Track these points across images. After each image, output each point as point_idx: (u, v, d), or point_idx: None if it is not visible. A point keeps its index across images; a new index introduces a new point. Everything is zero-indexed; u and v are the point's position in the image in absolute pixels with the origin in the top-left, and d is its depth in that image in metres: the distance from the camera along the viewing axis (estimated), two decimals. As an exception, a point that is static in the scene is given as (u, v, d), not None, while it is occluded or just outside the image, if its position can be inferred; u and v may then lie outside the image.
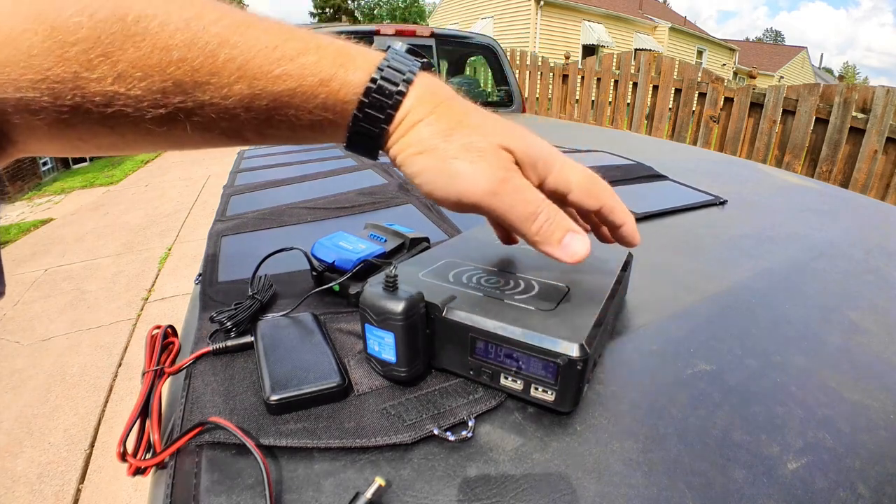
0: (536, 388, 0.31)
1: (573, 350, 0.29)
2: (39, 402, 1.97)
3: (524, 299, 0.35)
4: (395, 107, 0.27)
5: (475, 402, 0.33)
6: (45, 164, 6.98)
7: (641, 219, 0.72)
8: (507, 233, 0.38)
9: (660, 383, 0.36)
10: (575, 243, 0.29)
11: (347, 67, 0.26)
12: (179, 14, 0.23)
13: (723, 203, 0.81)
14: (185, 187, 5.33)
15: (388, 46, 0.28)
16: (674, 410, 0.33)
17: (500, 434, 0.31)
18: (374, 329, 0.33)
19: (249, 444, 0.27)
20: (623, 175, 0.94)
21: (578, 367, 0.29)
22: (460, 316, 0.33)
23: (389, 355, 0.33)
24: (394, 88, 0.26)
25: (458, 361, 0.34)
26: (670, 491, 0.27)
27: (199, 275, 0.55)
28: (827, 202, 0.88)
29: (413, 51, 0.28)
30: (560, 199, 0.31)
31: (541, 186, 0.29)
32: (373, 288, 0.33)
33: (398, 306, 0.31)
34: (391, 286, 0.32)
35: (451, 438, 0.30)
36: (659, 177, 0.95)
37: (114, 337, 2.44)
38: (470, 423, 0.31)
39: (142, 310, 2.72)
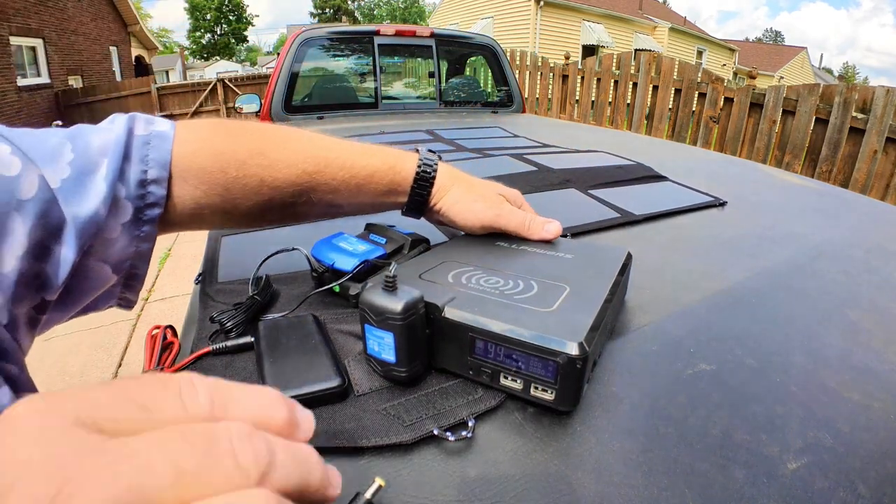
0: (536, 388, 0.31)
1: (572, 349, 0.29)
2: (39, 402, 1.96)
3: (524, 299, 0.35)
4: (432, 182, 0.46)
5: (475, 402, 0.33)
6: (45, 164, 6.97)
7: (642, 220, 0.72)
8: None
9: (660, 383, 0.36)
10: (552, 226, 0.47)
11: (403, 161, 0.45)
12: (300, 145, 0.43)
13: (723, 204, 0.81)
14: (185, 187, 5.32)
15: (417, 148, 0.48)
16: (674, 410, 0.33)
17: (500, 434, 0.31)
18: (373, 329, 0.33)
19: (249, 444, 0.27)
20: (623, 175, 0.94)
21: (578, 366, 0.29)
22: (460, 316, 0.33)
23: (389, 355, 0.33)
24: (430, 172, 0.46)
25: (458, 361, 0.34)
26: (670, 491, 0.27)
27: (200, 275, 0.55)
28: (827, 202, 0.88)
29: (432, 151, 0.48)
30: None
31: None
32: (372, 288, 0.33)
33: (397, 306, 0.31)
34: (390, 286, 0.32)
35: (451, 439, 0.30)
36: (659, 177, 0.95)
37: (114, 337, 2.44)
38: (470, 424, 0.31)
39: (142, 310, 2.72)
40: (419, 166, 0.45)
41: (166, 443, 0.12)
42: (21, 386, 0.29)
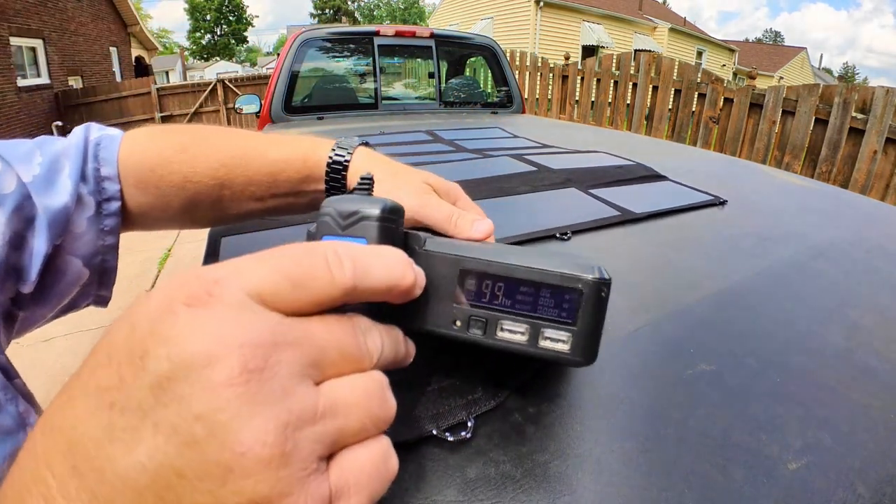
0: (546, 336, 0.25)
1: (595, 272, 0.24)
2: (40, 402, 1.96)
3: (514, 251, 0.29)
4: (346, 167, 0.42)
5: (474, 402, 0.33)
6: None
7: (641, 219, 0.72)
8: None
9: (660, 383, 0.36)
10: (482, 224, 0.38)
11: (317, 148, 0.43)
12: (217, 140, 0.44)
13: (723, 203, 0.81)
14: (185, 188, 5.33)
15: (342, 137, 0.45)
16: (674, 410, 0.33)
17: (500, 434, 0.31)
18: (337, 239, 0.24)
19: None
20: (623, 175, 0.94)
21: (603, 295, 0.24)
22: (448, 247, 0.26)
23: None
24: (344, 157, 0.42)
25: (441, 313, 0.26)
26: (670, 491, 0.27)
27: (199, 275, 0.55)
28: (827, 202, 0.88)
29: (366, 143, 0.45)
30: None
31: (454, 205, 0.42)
32: (338, 197, 0.26)
33: (374, 207, 0.24)
34: (365, 188, 0.25)
35: (451, 439, 0.30)
36: (658, 177, 0.95)
37: (114, 338, 2.44)
38: (469, 424, 0.31)
39: (142, 310, 2.72)
40: (333, 150, 0.43)
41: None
42: (9, 374, 0.32)
